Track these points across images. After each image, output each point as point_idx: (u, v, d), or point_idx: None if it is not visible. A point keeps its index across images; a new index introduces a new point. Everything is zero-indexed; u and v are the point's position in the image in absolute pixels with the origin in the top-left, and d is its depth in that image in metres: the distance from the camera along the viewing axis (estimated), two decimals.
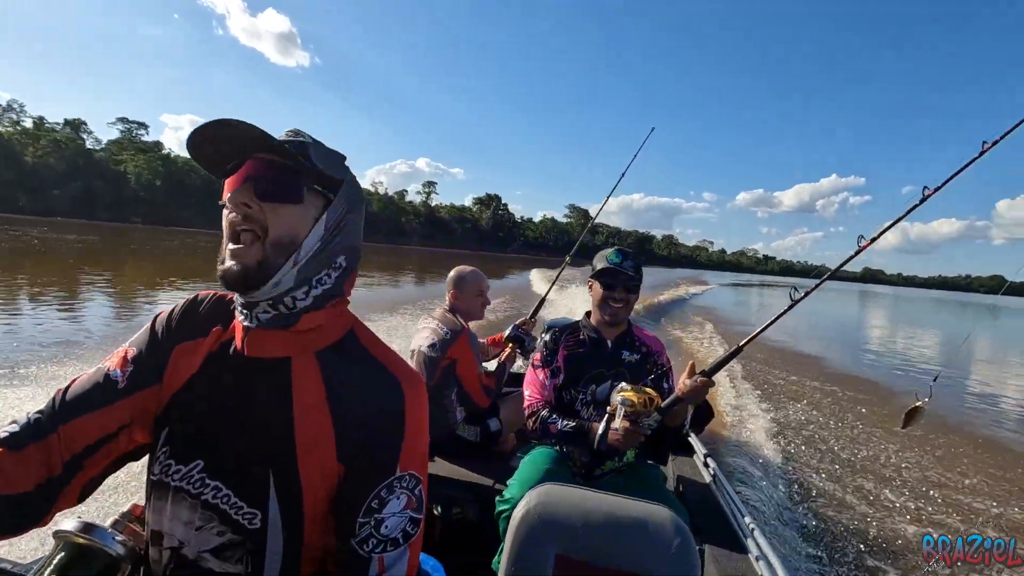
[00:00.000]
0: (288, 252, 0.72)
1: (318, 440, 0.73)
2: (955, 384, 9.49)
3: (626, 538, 1.13)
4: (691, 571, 1.10)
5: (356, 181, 0.81)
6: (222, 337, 0.80)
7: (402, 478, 0.74)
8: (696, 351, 9.42)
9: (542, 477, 1.68)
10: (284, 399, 0.74)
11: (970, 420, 6.81)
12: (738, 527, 1.75)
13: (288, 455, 0.73)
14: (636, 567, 1.11)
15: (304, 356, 0.76)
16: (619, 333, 1.93)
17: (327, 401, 0.74)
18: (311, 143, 0.76)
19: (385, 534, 0.73)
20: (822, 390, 7.36)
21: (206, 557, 0.73)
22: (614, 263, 1.86)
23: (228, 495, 0.73)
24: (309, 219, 0.74)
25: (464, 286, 2.45)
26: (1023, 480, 4.62)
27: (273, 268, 0.71)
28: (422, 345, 2.36)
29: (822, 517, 3.48)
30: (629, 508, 1.18)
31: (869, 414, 6.24)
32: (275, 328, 0.75)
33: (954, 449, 5.21)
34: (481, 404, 2.38)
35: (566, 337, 1.94)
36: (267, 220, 0.71)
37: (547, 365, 1.90)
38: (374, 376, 0.77)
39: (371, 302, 11.77)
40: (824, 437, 5.23)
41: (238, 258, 0.71)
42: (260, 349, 0.76)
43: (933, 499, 3.99)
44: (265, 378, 0.75)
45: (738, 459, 4.28)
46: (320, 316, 0.77)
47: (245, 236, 0.71)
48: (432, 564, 1.59)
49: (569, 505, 1.18)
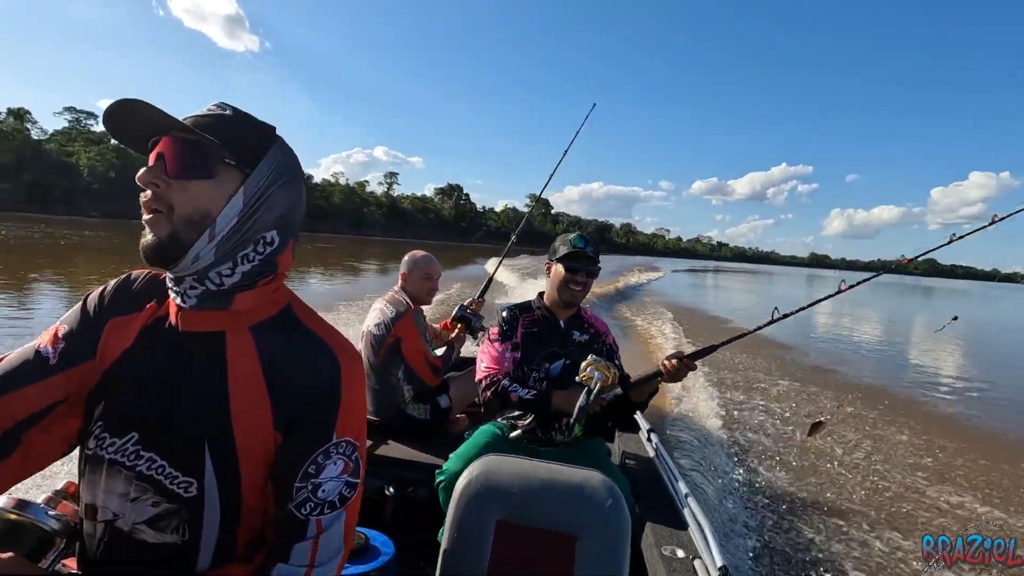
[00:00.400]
0: (200, 228, 0.72)
1: (254, 410, 0.75)
2: (897, 362, 10.15)
3: (563, 501, 1.20)
4: (622, 528, 1.18)
5: (288, 153, 0.79)
6: (156, 312, 0.80)
7: (339, 444, 0.77)
8: (651, 336, 9.70)
9: (480, 451, 1.73)
10: (219, 371, 0.75)
11: (910, 394, 7.28)
12: (675, 495, 1.86)
13: (223, 425, 0.74)
14: (572, 527, 1.18)
15: (238, 331, 0.78)
16: (571, 314, 2.00)
17: (262, 373, 0.76)
18: (230, 116, 0.76)
19: (322, 498, 0.76)
20: (767, 369, 7.72)
21: (141, 528, 0.74)
22: (578, 247, 1.92)
23: (163, 465, 0.74)
24: (223, 194, 0.73)
25: (413, 269, 2.52)
26: (946, 440, 5.03)
27: (186, 243, 0.72)
28: (369, 325, 2.43)
29: (756, 485, 3.70)
30: (566, 474, 1.25)
31: (813, 393, 6.60)
32: (208, 309, 0.76)
33: (892, 425, 5.59)
34: (429, 382, 2.43)
35: (523, 315, 1.99)
36: (172, 197, 0.71)
37: (506, 339, 1.95)
38: (310, 348, 0.79)
39: (341, 296, 11.55)
40: (765, 411, 5.52)
41: (149, 230, 0.71)
42: (194, 325, 0.77)
43: (871, 470, 4.29)
44: (199, 351, 0.76)
45: (680, 433, 4.49)
46: (253, 296, 0.78)
47: (155, 213, 0.72)
48: (382, 540, 1.63)
49: (510, 473, 1.24)
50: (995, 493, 4.00)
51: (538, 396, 1.82)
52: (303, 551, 0.75)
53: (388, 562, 1.52)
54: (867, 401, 6.26)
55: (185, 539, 0.75)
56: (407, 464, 2.14)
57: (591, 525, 1.17)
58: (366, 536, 1.58)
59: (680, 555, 1.51)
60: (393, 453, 2.20)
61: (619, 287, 17.95)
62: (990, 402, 7.36)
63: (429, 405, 2.46)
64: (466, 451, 1.82)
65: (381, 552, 1.54)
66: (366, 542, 1.55)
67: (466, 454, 1.79)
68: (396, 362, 2.39)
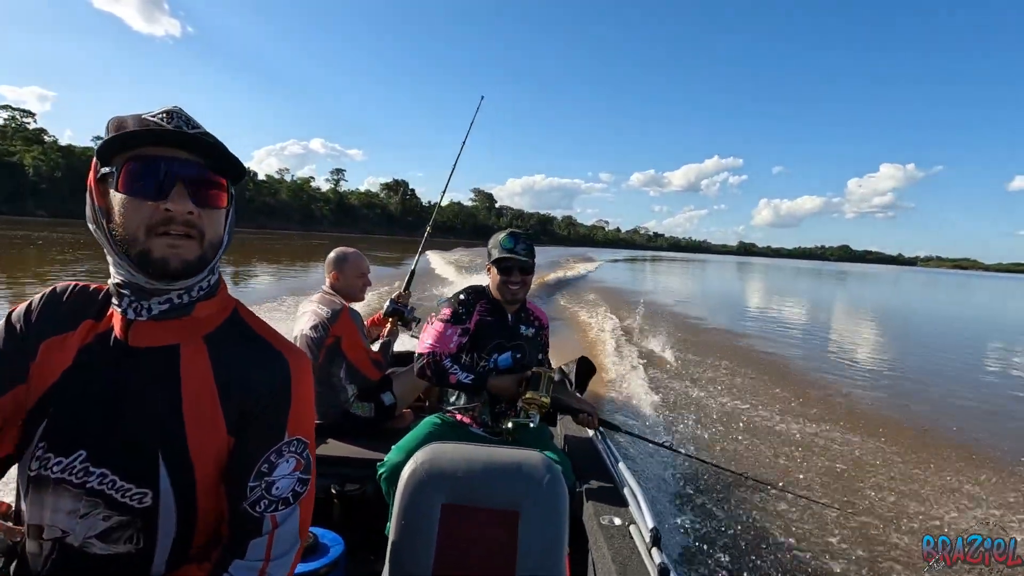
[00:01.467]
0: (216, 249, 0.78)
1: (208, 417, 0.78)
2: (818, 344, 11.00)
3: (504, 480, 1.28)
4: (559, 502, 1.27)
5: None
6: (95, 329, 0.79)
7: (290, 443, 0.82)
8: (588, 327, 10.00)
9: (422, 442, 1.77)
10: (172, 384, 0.77)
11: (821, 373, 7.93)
12: (613, 471, 1.99)
13: (178, 435, 0.76)
14: (513, 504, 1.26)
15: (193, 341, 0.79)
16: (516, 308, 2.07)
17: (215, 381, 0.79)
18: (216, 141, 0.76)
19: (276, 495, 0.80)
20: (698, 349, 8.18)
21: (92, 542, 0.75)
22: (507, 248, 1.97)
23: (114, 480, 0.75)
24: (225, 218, 0.80)
25: (345, 267, 2.46)
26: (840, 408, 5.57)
27: (208, 262, 0.77)
28: (304, 328, 2.36)
29: (689, 459, 3.98)
30: (505, 455, 1.34)
31: (744, 371, 7.06)
32: (168, 319, 0.78)
33: (812, 399, 6.08)
34: (372, 378, 2.42)
35: (480, 301, 2.03)
36: (204, 225, 0.75)
37: (458, 322, 1.97)
38: (260, 352, 0.83)
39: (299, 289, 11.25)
40: (697, 389, 5.88)
41: (177, 251, 0.73)
42: (147, 340, 0.77)
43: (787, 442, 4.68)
44: (151, 366, 0.77)
45: (619, 412, 4.75)
46: (213, 304, 0.81)
47: (187, 239, 0.74)
48: (332, 537, 1.66)
49: (453, 459, 1.30)
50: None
51: (475, 380, 1.90)
52: (259, 547, 0.78)
53: (338, 557, 1.56)
54: (782, 381, 6.78)
55: (140, 547, 0.76)
56: (351, 462, 2.15)
57: (532, 501, 1.26)
58: (315, 535, 1.60)
59: (617, 523, 1.64)
60: (337, 452, 2.21)
61: (549, 280, 18.23)
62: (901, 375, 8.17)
63: (373, 403, 2.45)
64: (407, 442, 1.84)
65: (331, 548, 1.57)
66: (316, 540, 1.58)
67: (407, 445, 1.82)
68: (337, 362, 2.36)
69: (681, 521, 3.07)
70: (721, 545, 2.89)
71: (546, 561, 1.23)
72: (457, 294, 2.05)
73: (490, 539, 1.24)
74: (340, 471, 2.10)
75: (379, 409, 2.45)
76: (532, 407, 1.84)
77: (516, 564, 1.22)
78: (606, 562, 1.46)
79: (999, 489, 3.90)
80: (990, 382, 8.16)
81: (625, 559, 1.44)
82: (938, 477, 4.04)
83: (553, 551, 1.24)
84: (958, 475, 4.09)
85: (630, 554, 1.47)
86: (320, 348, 2.32)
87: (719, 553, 2.80)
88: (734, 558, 2.78)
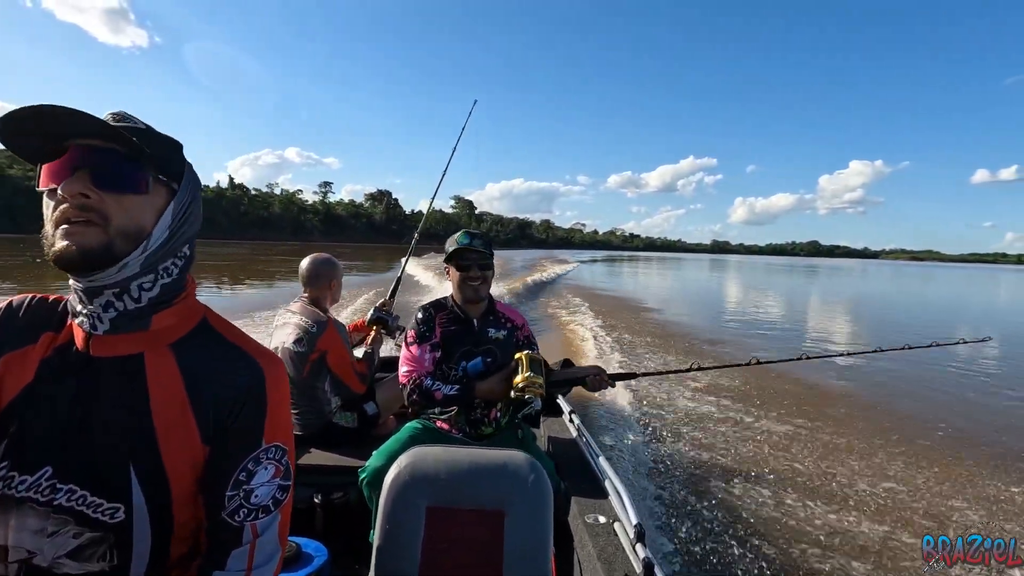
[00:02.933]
0: (135, 242, 0.71)
1: (180, 427, 0.75)
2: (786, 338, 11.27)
3: (488, 481, 1.28)
4: (544, 501, 1.28)
5: (193, 171, 0.81)
6: (55, 342, 0.76)
7: (268, 449, 0.79)
8: (567, 327, 10.05)
9: (403, 446, 1.76)
10: (140, 394, 0.74)
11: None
12: (597, 470, 2.00)
13: (149, 447, 0.73)
14: (498, 504, 1.26)
15: (158, 349, 0.76)
16: (483, 311, 2.04)
17: (185, 390, 0.76)
18: (146, 129, 0.74)
19: (255, 503, 0.78)
20: (676, 348, 8.30)
21: (63, 562, 0.72)
22: (463, 243, 1.96)
23: (84, 496, 0.72)
24: (154, 209, 0.74)
25: (322, 275, 2.40)
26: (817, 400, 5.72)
27: (119, 255, 0.70)
28: (286, 342, 2.29)
29: (670, 456, 4.04)
30: (489, 455, 1.33)
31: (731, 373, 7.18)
32: (126, 333, 0.74)
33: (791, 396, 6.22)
34: (357, 391, 2.39)
35: (439, 314, 2.00)
36: (108, 210, 0.69)
37: (424, 340, 1.95)
38: (232, 359, 0.80)
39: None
40: (676, 391, 5.96)
41: (74, 237, 0.67)
42: (109, 350, 0.74)
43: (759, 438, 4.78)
44: (116, 377, 0.74)
45: (600, 413, 4.80)
46: (170, 315, 0.78)
47: (86, 224, 0.68)
48: (315, 547, 1.64)
49: (436, 461, 1.30)
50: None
51: (461, 390, 1.87)
52: (240, 557, 0.76)
53: (322, 566, 1.54)
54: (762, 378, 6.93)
55: (114, 564, 0.73)
56: (334, 470, 2.13)
57: (516, 500, 1.26)
58: (298, 544, 1.57)
59: (602, 520, 1.65)
60: (320, 461, 2.18)
61: (528, 281, 18.36)
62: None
63: (356, 413, 2.42)
64: (388, 447, 1.83)
65: (315, 558, 1.55)
66: (299, 550, 1.55)
67: (388, 449, 1.80)
68: (322, 376, 2.32)
69: (666, 519, 3.11)
70: (710, 541, 2.92)
71: (532, 560, 1.23)
72: (415, 313, 2.02)
73: (476, 540, 1.24)
74: (323, 480, 2.07)
75: (362, 419, 2.42)
76: (529, 389, 1.79)
77: (503, 564, 1.22)
78: (591, 560, 1.47)
79: (998, 489, 3.90)
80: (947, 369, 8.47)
81: (610, 556, 1.46)
82: (938, 477, 4.06)
83: (539, 550, 1.25)
84: (958, 474, 4.13)
85: (615, 551, 1.48)
86: (304, 362, 2.26)
87: (706, 547, 2.84)
88: (721, 555, 2.81)
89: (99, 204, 0.69)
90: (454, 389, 1.88)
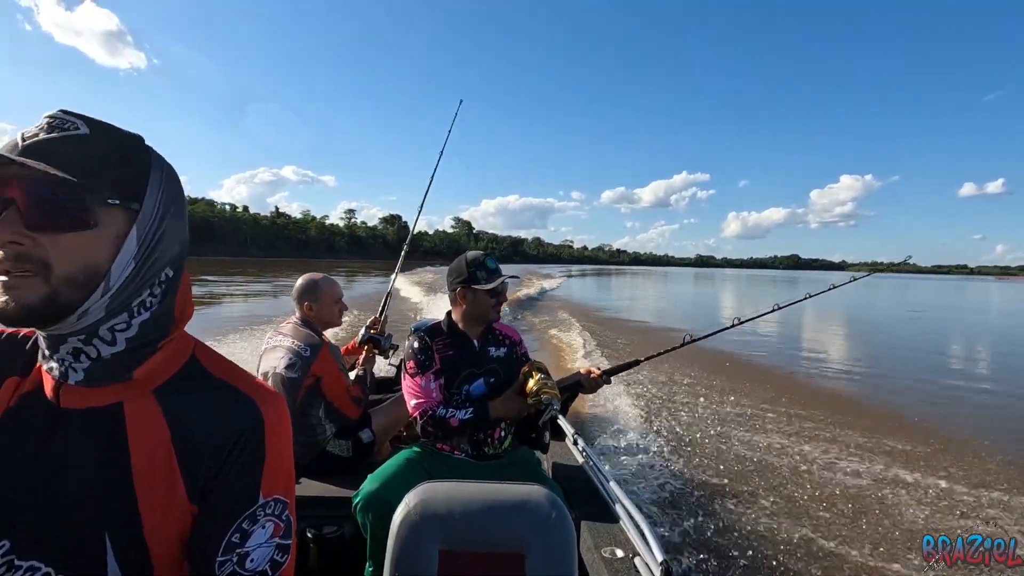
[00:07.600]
0: (89, 287, 0.58)
1: (164, 485, 0.63)
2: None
3: (505, 520, 1.16)
4: (567, 540, 1.16)
5: (169, 171, 0.65)
6: (20, 388, 0.65)
7: (266, 505, 0.67)
8: (556, 338, 9.99)
9: (398, 470, 1.69)
10: (119, 452, 0.62)
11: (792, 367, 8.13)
12: (607, 496, 1.89)
13: (128, 510, 0.62)
14: (518, 546, 1.14)
15: (140, 397, 0.65)
16: (482, 331, 1.96)
17: (171, 440, 0.64)
18: (88, 135, 0.58)
19: (251, 568, 0.65)
20: (673, 364, 8.25)
21: None
22: (493, 270, 1.91)
23: (48, 574, 0.60)
24: (110, 241, 0.59)
25: (319, 295, 2.26)
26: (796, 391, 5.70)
27: (69, 304, 0.57)
28: (277, 367, 2.14)
29: (680, 475, 3.94)
30: (505, 492, 1.21)
31: (720, 383, 7.15)
32: (102, 385, 0.62)
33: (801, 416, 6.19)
34: (352, 416, 2.26)
35: (435, 340, 1.92)
36: (47, 255, 0.56)
37: (426, 369, 1.86)
38: (225, 400, 0.68)
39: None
40: (678, 404, 5.89)
41: (13, 292, 0.55)
42: (83, 401, 0.63)
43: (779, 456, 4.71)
44: (91, 431, 0.62)
45: (603, 434, 4.66)
46: (157, 359, 0.66)
47: (21, 275, 0.55)
48: None
49: (447, 499, 1.18)
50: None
51: (476, 412, 1.79)
52: None
53: None
54: (762, 386, 6.91)
55: None
56: (328, 501, 1.99)
57: (537, 541, 1.14)
58: None
59: (620, 555, 1.53)
60: (312, 492, 2.04)
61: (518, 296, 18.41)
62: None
63: (350, 441, 2.27)
64: (383, 471, 1.73)
65: None
66: None
67: (383, 473, 1.71)
68: (316, 402, 2.17)
69: (689, 546, 2.97)
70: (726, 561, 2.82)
71: None
72: (411, 343, 1.93)
73: None
74: (316, 512, 1.93)
75: (357, 447, 2.27)
76: (544, 390, 1.77)
77: None
78: None
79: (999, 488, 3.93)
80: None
81: None
82: (936, 476, 4.09)
83: None
84: (956, 473, 4.15)
85: None
86: (298, 388, 2.11)
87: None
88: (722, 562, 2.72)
89: (34, 250, 0.55)
90: (468, 413, 1.79)
